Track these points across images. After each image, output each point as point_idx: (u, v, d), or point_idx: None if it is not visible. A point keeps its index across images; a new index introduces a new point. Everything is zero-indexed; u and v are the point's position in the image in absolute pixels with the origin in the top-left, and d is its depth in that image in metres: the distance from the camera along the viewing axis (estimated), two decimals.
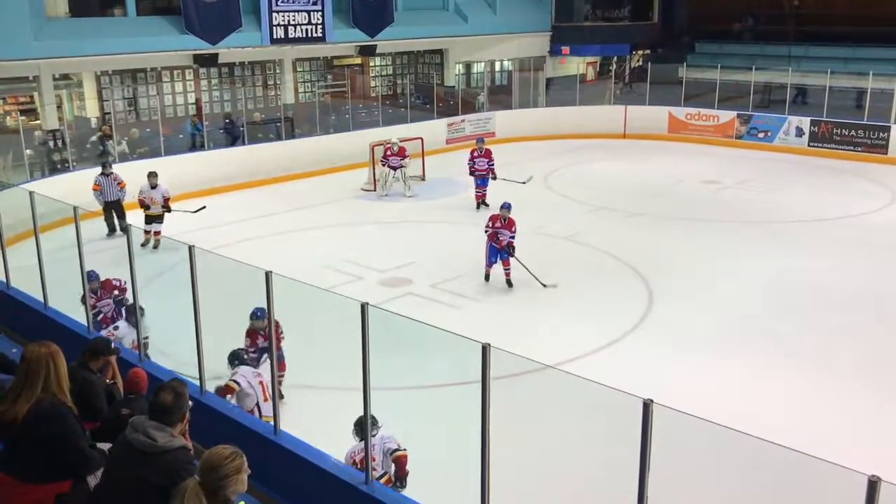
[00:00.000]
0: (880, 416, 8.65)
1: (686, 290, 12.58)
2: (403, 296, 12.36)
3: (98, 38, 19.31)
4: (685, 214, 17.21)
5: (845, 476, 3.35)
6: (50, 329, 8.12)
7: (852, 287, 12.58)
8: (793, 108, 24.74)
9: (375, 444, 6.46)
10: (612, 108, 26.70)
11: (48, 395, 4.16)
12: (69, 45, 18.89)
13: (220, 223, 16.30)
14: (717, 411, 5.22)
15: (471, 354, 4.53)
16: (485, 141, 17.88)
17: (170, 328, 11.23)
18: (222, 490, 3.33)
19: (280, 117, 21.88)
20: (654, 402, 3.70)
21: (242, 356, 8.22)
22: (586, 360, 10.01)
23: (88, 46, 19.16)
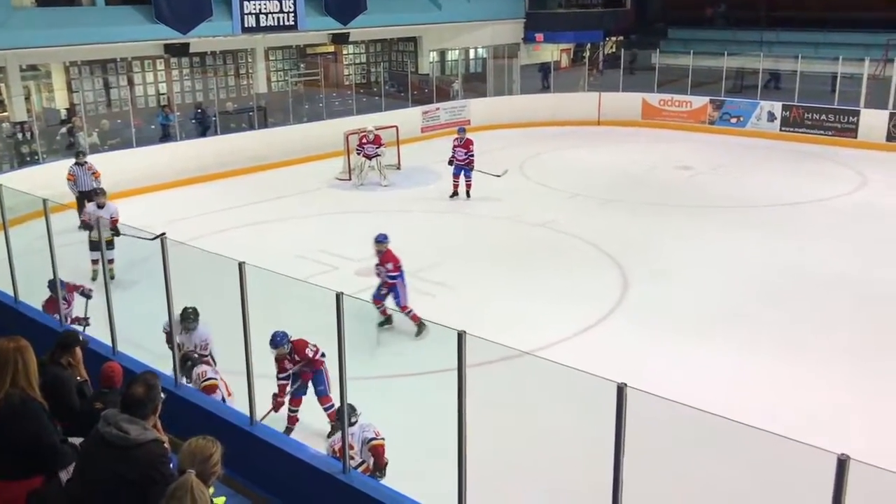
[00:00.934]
0: (855, 398, 8.77)
1: (661, 275, 12.67)
2: None
3: (66, 27, 19.04)
4: (660, 200, 17.32)
5: (816, 455, 3.39)
6: (21, 324, 8.02)
7: (826, 270, 12.73)
8: (765, 93, 24.95)
9: (354, 433, 6.46)
10: (586, 95, 26.76)
11: (17, 390, 4.11)
12: (37, 35, 18.62)
13: (192, 214, 16.18)
14: (692, 394, 5.27)
15: (447, 342, 4.53)
16: (465, 131, 17.75)
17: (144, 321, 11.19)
18: (211, 478, 3.43)
19: (253, 107, 21.71)
20: (627, 386, 3.72)
21: (193, 356, 8.09)
22: (562, 345, 10.05)
23: (57, 36, 18.89)
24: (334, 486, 5.29)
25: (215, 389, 7.57)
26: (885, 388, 8.94)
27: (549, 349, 9.75)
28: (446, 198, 17.45)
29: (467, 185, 17.25)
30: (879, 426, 8.13)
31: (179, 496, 3.21)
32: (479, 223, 16.05)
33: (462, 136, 17.29)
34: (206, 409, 6.35)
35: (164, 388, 4.60)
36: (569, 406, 7.70)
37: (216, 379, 7.72)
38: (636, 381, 3.82)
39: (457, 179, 17.36)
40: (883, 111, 22.09)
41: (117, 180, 17.69)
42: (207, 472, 3.36)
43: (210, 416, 6.23)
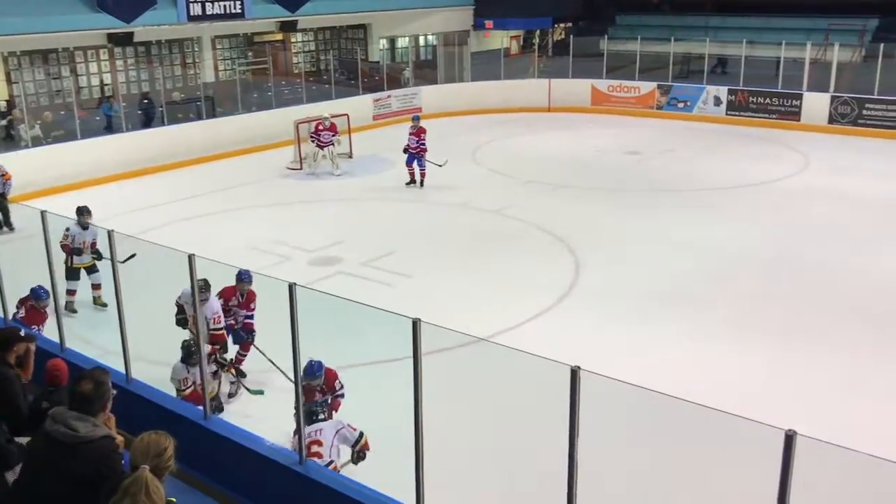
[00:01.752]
0: (801, 376, 8.99)
1: (612, 259, 12.83)
2: (334, 275, 12.28)
3: (5, 17, 18.49)
4: (610, 185, 17.52)
5: (765, 432, 3.47)
6: None
7: (772, 251, 13.02)
8: (711, 78, 25.33)
9: (324, 429, 6.42)
10: (536, 82, 26.88)
11: None
12: None
13: (141, 206, 15.89)
14: (644, 376, 5.36)
15: (403, 330, 4.53)
16: (419, 119, 17.64)
17: (92, 316, 10.99)
18: (165, 473, 3.37)
19: (200, 96, 21.36)
20: (581, 369, 3.77)
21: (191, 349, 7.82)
22: (517, 331, 10.13)
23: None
24: (291, 478, 5.27)
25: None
26: (827, 364, 9.18)
27: (504, 334, 9.82)
28: (400, 186, 17.41)
29: (421, 173, 17.22)
30: (823, 401, 8.36)
31: (133, 492, 3.16)
32: (432, 211, 16.06)
33: (416, 124, 17.23)
34: (160, 404, 6.26)
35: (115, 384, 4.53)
36: (524, 390, 7.75)
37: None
38: (590, 364, 3.87)
39: (410, 167, 17.32)
40: (825, 94, 22.61)
41: (62, 173, 17.32)
42: (161, 466, 3.31)
43: (164, 411, 6.15)
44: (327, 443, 6.30)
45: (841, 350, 9.54)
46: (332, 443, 6.33)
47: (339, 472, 6.06)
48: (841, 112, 22.32)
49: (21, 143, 17.95)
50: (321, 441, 6.24)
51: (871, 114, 21.94)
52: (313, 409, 6.58)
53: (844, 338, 9.88)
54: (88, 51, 22.01)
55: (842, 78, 23.08)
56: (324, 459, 6.10)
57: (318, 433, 6.25)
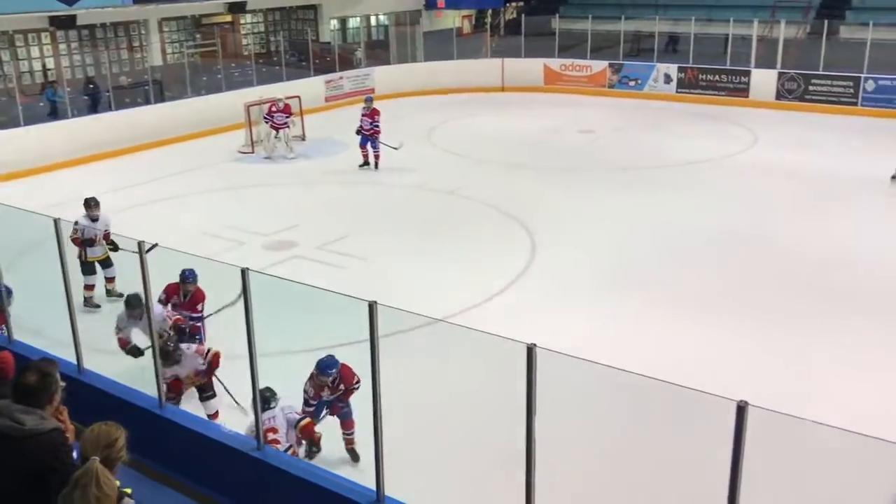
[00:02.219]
0: (754, 348, 9.18)
1: (568, 238, 12.92)
2: (289, 259, 12.18)
3: None
4: (564, 164, 17.61)
5: (718, 404, 3.53)
6: None
7: (722, 225, 13.23)
8: (662, 55, 25.56)
9: (276, 416, 6.38)
10: (489, 62, 26.85)
11: None
12: None
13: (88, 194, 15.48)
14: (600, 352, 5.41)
15: (359, 313, 4.51)
16: (372, 100, 17.44)
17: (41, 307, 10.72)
18: (117, 463, 3.31)
19: (148, 80, 20.90)
20: (536, 346, 3.79)
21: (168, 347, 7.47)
22: (474, 311, 10.15)
23: None
24: (249, 464, 5.23)
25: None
26: (780, 336, 9.38)
27: (461, 315, 9.83)
28: (354, 168, 17.28)
29: (375, 155, 17.10)
30: (772, 372, 8.54)
31: (84, 484, 3.10)
32: (387, 193, 15.99)
33: (368, 105, 17.07)
34: (113, 394, 6.16)
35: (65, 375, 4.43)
36: (482, 370, 7.79)
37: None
38: (547, 342, 3.89)
39: (364, 149, 17.19)
40: (772, 70, 22.99)
41: (4, 160, 16.85)
42: (112, 457, 3.25)
43: (118, 401, 6.05)
44: (282, 429, 6.27)
45: (793, 322, 9.75)
46: (286, 429, 6.31)
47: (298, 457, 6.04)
48: (788, 88, 22.72)
49: None
50: (276, 428, 6.21)
51: (817, 89, 22.37)
52: (266, 396, 6.49)
53: (796, 310, 10.10)
54: (30, 34, 21.40)
55: (788, 54, 23.47)
56: (282, 446, 6.07)
57: (272, 420, 6.21)
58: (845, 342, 9.22)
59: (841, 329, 9.55)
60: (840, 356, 8.90)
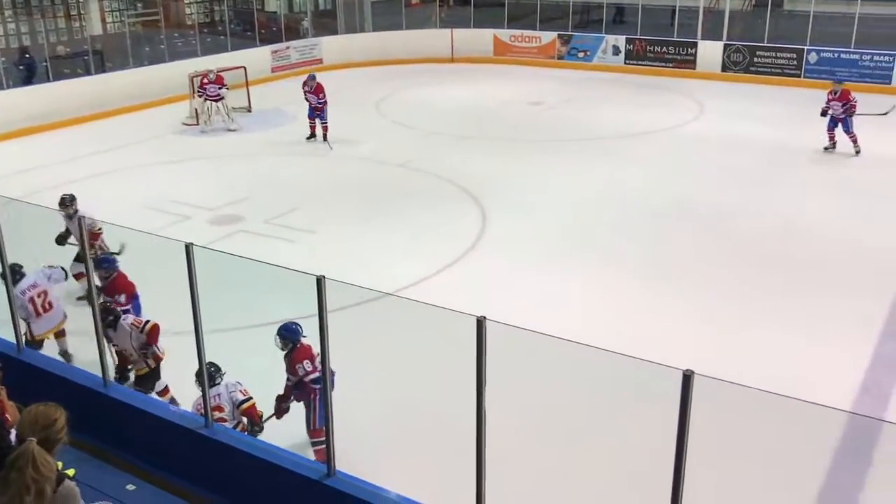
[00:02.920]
0: (699, 317, 9.34)
1: (517, 208, 12.95)
2: (236, 233, 12.00)
3: None
4: (513, 135, 17.62)
5: (664, 373, 3.57)
6: None
7: (669, 196, 13.39)
8: (610, 27, 25.63)
9: (221, 394, 6.28)
10: (438, 32, 26.64)
11: None
12: None
13: (27, 168, 15.07)
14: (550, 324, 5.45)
15: (307, 288, 4.45)
16: (314, 77, 17.01)
17: None
18: (57, 445, 3.23)
19: (87, 50, 20.27)
20: (486, 319, 3.78)
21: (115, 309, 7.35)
22: (424, 284, 10.15)
23: None
24: (197, 441, 5.16)
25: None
26: (723, 305, 9.57)
27: (411, 288, 9.82)
28: (301, 140, 17.05)
29: (323, 127, 16.86)
30: (718, 342, 8.72)
31: (20, 465, 3.02)
32: (335, 165, 15.82)
33: (313, 83, 16.71)
34: (55, 373, 6.03)
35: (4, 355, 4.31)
36: (432, 343, 7.80)
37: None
38: (498, 315, 3.89)
39: (312, 121, 16.95)
40: (718, 42, 23.22)
41: None
42: (51, 438, 3.17)
43: (61, 381, 5.92)
44: (227, 408, 6.20)
45: (735, 291, 9.95)
46: (229, 405, 6.23)
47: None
48: (734, 60, 23.00)
49: None
50: (222, 406, 6.14)
51: (762, 61, 22.68)
52: (210, 372, 6.34)
53: (738, 278, 10.30)
54: None
55: (734, 27, 23.72)
56: (228, 424, 6.00)
57: (217, 398, 6.12)
58: (792, 310, 9.43)
59: (783, 297, 9.76)
60: (785, 325, 9.11)
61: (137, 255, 9.94)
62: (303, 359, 6.56)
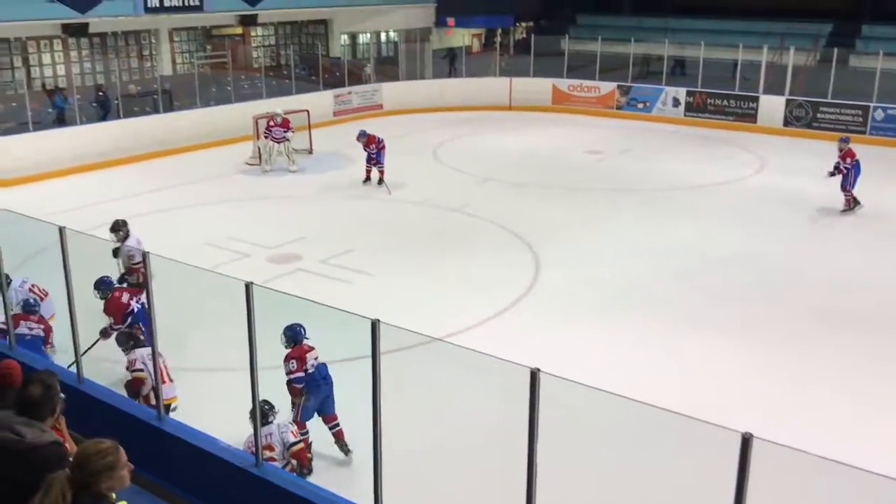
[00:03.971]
0: (758, 374, 9.12)
1: (572, 257, 12.89)
2: (293, 272, 12.17)
3: None
4: (570, 184, 17.61)
5: (722, 434, 3.50)
6: None
7: (729, 250, 13.18)
8: (671, 79, 25.61)
9: (273, 433, 6.32)
10: (497, 80, 26.93)
11: None
12: None
13: (94, 202, 15.57)
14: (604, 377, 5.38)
15: (361, 329, 4.49)
16: (366, 133, 17.12)
17: None
18: (94, 486, 3.13)
19: (157, 90, 20.99)
20: (540, 371, 3.76)
21: (137, 336, 7.68)
22: (476, 330, 10.12)
23: None
24: (247, 480, 5.19)
25: (141, 383, 7.34)
26: (783, 362, 9.33)
27: (463, 334, 9.80)
28: (359, 184, 17.30)
29: (380, 171, 17.07)
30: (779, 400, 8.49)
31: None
32: (391, 208, 15.98)
33: (363, 139, 16.94)
34: (113, 405, 6.13)
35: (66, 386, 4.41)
36: (484, 392, 7.75)
37: (141, 371, 7.46)
38: (549, 365, 3.86)
39: (369, 166, 17.18)
40: (780, 97, 23.01)
41: (12, 166, 16.91)
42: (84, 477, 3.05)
43: (117, 412, 6.02)
44: (278, 448, 6.23)
45: (795, 348, 9.70)
46: (280, 447, 6.27)
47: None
48: (796, 115, 22.73)
49: None
50: (273, 446, 6.17)
51: (826, 117, 22.37)
52: (264, 410, 6.44)
53: (797, 335, 10.05)
54: (42, 41, 21.50)
55: (797, 81, 23.50)
56: (277, 464, 6.03)
57: (269, 437, 6.16)
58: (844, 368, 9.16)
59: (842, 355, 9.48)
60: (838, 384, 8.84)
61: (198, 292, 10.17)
62: (291, 358, 7.09)
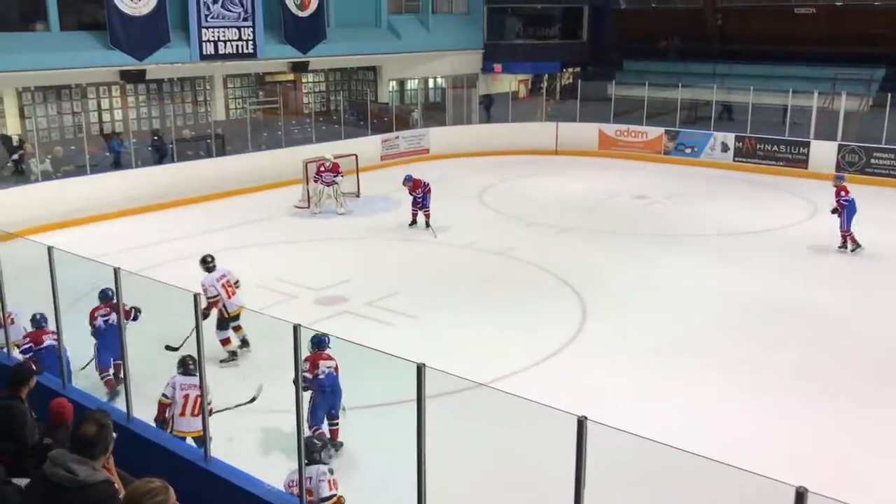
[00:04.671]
0: (808, 428, 8.87)
1: (619, 303, 12.76)
2: (339, 314, 12.25)
3: (19, 53, 18.73)
4: (617, 229, 17.50)
5: (775, 488, 3.40)
6: None
7: (778, 298, 12.93)
8: (718, 124, 25.46)
9: (312, 477, 6.31)
10: (543, 125, 27.06)
11: None
12: None
13: (147, 243, 15.93)
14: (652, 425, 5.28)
15: (406, 373, 4.49)
16: (412, 178, 17.34)
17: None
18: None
19: (210, 134, 21.53)
20: (587, 419, 3.71)
21: (188, 364, 7.82)
22: (523, 375, 10.04)
23: (8, 62, 18.58)
24: None
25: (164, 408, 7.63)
26: (833, 416, 9.06)
27: (509, 379, 9.73)
28: (405, 226, 17.44)
29: (426, 215, 17.20)
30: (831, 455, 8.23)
31: None
32: (437, 251, 16.04)
33: (409, 184, 17.14)
34: (160, 444, 6.20)
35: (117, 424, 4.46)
36: (529, 438, 7.66)
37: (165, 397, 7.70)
38: (595, 412, 3.81)
39: (414, 209, 17.32)
40: (832, 143, 22.68)
41: (71, 208, 17.42)
42: None
43: (164, 452, 6.08)
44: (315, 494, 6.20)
45: (847, 402, 9.43)
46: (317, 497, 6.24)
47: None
48: (849, 161, 22.37)
49: (31, 178, 18.11)
50: (311, 490, 6.15)
51: (879, 163, 21.99)
52: (317, 445, 6.50)
53: (850, 389, 9.76)
54: (101, 87, 22.25)
55: (849, 127, 23.17)
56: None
57: (309, 481, 6.13)
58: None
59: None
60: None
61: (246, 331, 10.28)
62: (306, 360, 7.81)
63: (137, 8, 20.35)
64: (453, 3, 29.95)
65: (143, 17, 20.45)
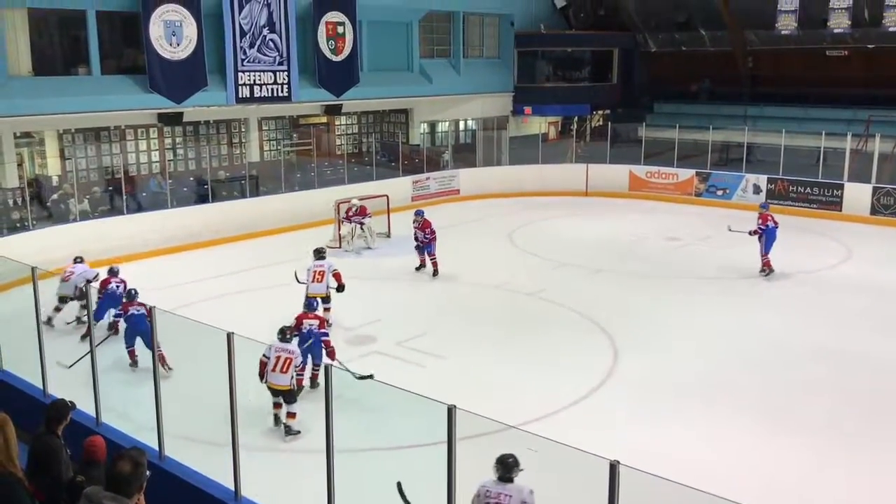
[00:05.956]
0: (842, 473, 8.69)
1: (650, 345, 12.64)
2: (369, 354, 12.27)
3: (61, 96, 19.25)
4: (648, 271, 17.40)
5: None
6: (4, 392, 7.91)
7: (811, 342, 12.74)
8: (750, 166, 25.33)
9: (512, 496, 6.27)
10: (573, 167, 27.13)
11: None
12: (32, 104, 18.81)
13: (182, 282, 16.13)
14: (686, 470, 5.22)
15: (436, 414, 4.50)
16: (422, 213, 17.31)
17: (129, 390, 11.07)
18: None
19: (245, 175, 21.88)
20: (620, 464, 3.69)
21: (285, 333, 9.62)
22: (554, 417, 9.97)
23: (51, 105, 19.09)
24: None
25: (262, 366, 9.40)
26: (869, 461, 8.86)
27: (539, 421, 9.65)
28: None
29: (433, 262, 17.03)
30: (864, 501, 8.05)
31: None
32: (467, 292, 16.05)
33: (419, 219, 17.09)
34: (190, 482, 6.24)
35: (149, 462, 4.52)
36: (560, 481, 7.57)
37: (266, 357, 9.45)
38: (626, 456, 3.79)
39: (422, 256, 17.26)
40: (867, 185, 22.45)
41: (106, 247, 17.72)
42: None
43: (195, 490, 6.12)
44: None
45: (882, 447, 9.22)
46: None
47: None
48: (884, 203, 22.11)
49: (69, 217, 18.50)
50: None
51: None
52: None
53: (885, 434, 9.55)
54: (139, 129, 22.75)
55: (884, 169, 22.94)
56: None
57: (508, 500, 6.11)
58: None
59: None
60: None
61: None
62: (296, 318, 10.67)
63: (176, 53, 20.87)
64: (484, 47, 30.34)
65: (181, 61, 20.95)
